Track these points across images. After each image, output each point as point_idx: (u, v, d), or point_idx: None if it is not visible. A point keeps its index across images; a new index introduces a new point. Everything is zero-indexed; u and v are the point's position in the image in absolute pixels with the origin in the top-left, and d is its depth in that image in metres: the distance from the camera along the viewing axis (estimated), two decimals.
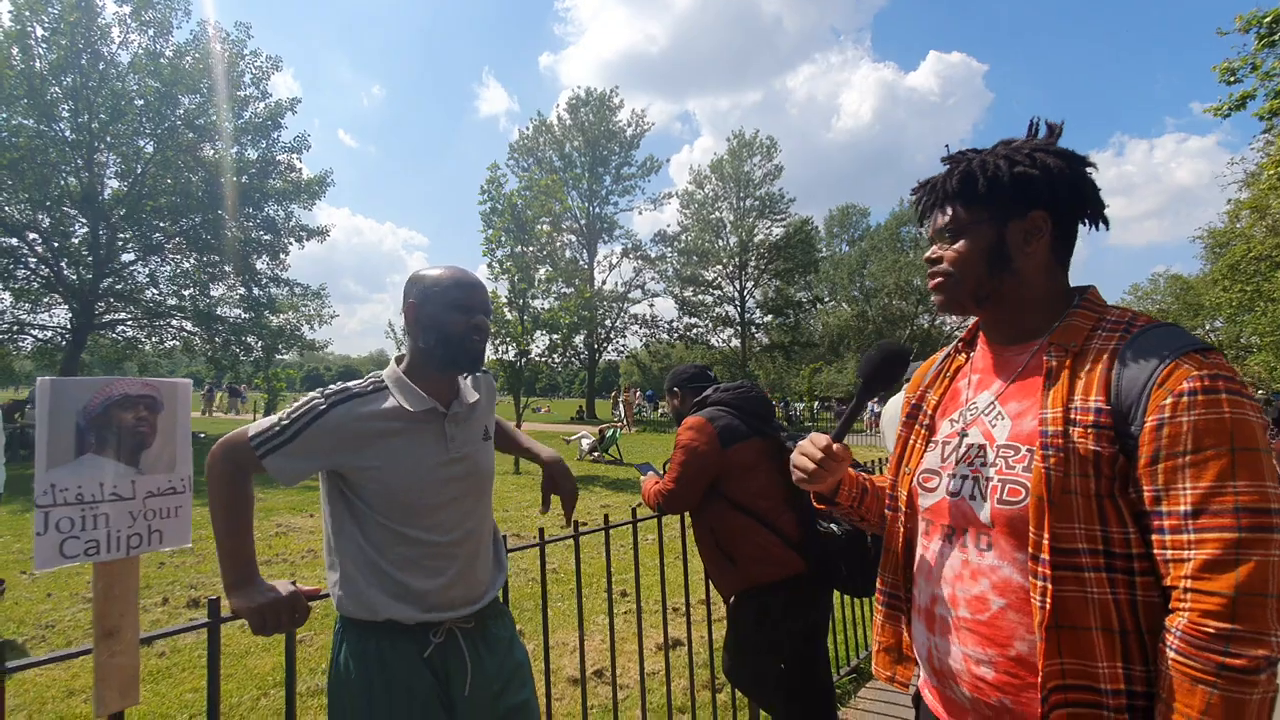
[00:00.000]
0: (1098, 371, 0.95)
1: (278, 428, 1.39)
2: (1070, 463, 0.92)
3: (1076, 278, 1.11)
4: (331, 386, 1.45)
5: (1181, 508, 0.85)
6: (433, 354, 1.49)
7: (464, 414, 1.54)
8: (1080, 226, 1.08)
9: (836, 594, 2.54)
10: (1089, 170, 1.06)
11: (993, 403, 1.08)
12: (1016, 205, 1.04)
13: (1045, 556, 0.91)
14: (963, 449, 1.08)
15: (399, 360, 1.55)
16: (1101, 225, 1.08)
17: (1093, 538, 0.91)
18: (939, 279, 1.12)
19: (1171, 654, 0.84)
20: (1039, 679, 0.91)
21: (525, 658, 1.62)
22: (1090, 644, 0.89)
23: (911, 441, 1.22)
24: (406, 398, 1.45)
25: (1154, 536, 0.88)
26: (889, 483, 1.26)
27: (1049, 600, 0.90)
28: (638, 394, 28.54)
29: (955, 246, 1.09)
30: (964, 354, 1.22)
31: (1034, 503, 0.93)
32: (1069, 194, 1.04)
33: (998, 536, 0.99)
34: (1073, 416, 0.94)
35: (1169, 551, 0.86)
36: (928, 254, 1.15)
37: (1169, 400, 0.87)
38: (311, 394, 1.44)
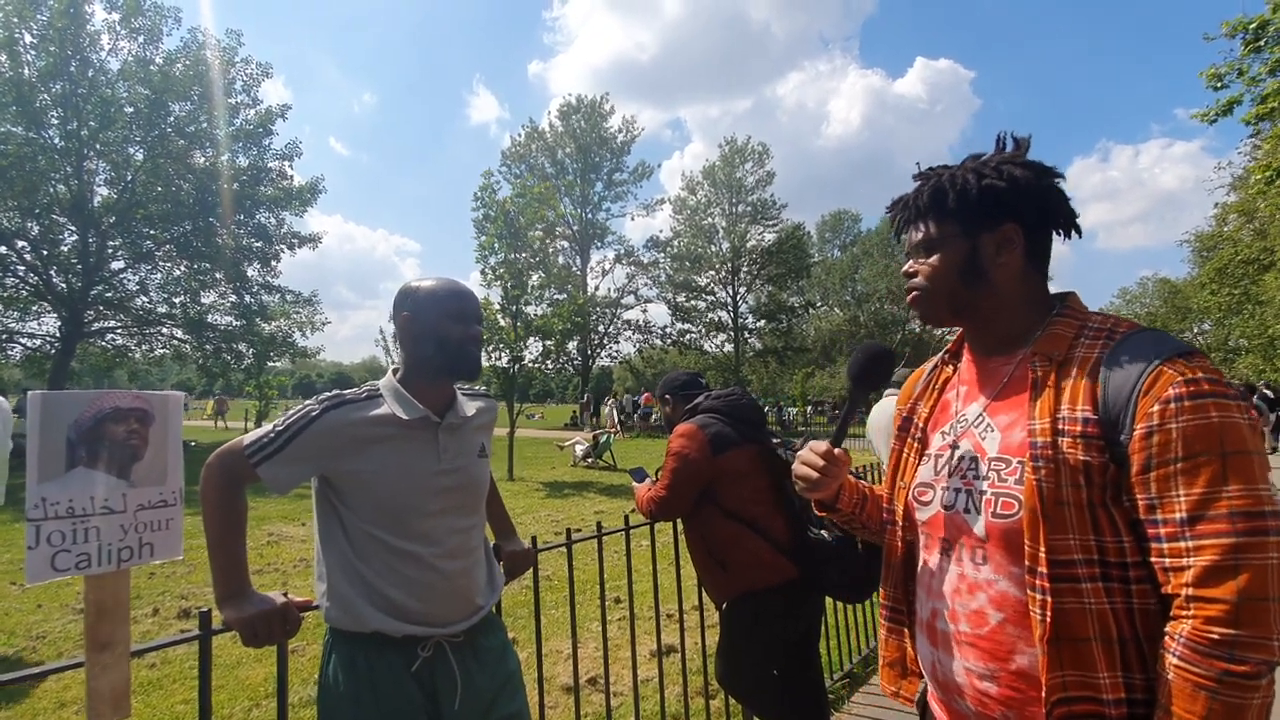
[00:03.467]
0: (1083, 380, 0.95)
1: (271, 435, 1.39)
2: (1061, 474, 0.92)
3: (1064, 283, 1.12)
4: (326, 394, 1.46)
5: (1177, 515, 0.85)
6: (430, 363, 1.50)
7: (459, 424, 1.53)
8: (1055, 236, 1.09)
9: (829, 600, 2.55)
10: (1057, 180, 1.07)
11: (981, 414, 1.08)
12: (986, 218, 1.05)
13: (1043, 570, 0.91)
14: (955, 461, 1.08)
15: (395, 371, 1.56)
16: (1074, 234, 1.09)
17: (1087, 548, 0.90)
18: (915, 293, 1.14)
19: (1174, 660, 0.84)
20: (1042, 693, 0.90)
21: (517, 666, 1.62)
22: (1090, 655, 0.89)
23: (905, 454, 1.22)
24: (400, 406, 1.45)
25: (1151, 545, 0.88)
26: (886, 495, 1.26)
27: (1049, 614, 0.90)
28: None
29: (929, 260, 1.10)
30: (950, 365, 1.23)
31: (1028, 516, 0.93)
32: (1037, 204, 1.05)
33: (993, 550, 0.99)
34: (1061, 427, 0.94)
35: (1167, 559, 0.86)
36: (904, 269, 1.16)
37: (1156, 407, 0.87)
38: (307, 401, 1.45)
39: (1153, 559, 0.88)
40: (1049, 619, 0.90)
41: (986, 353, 1.13)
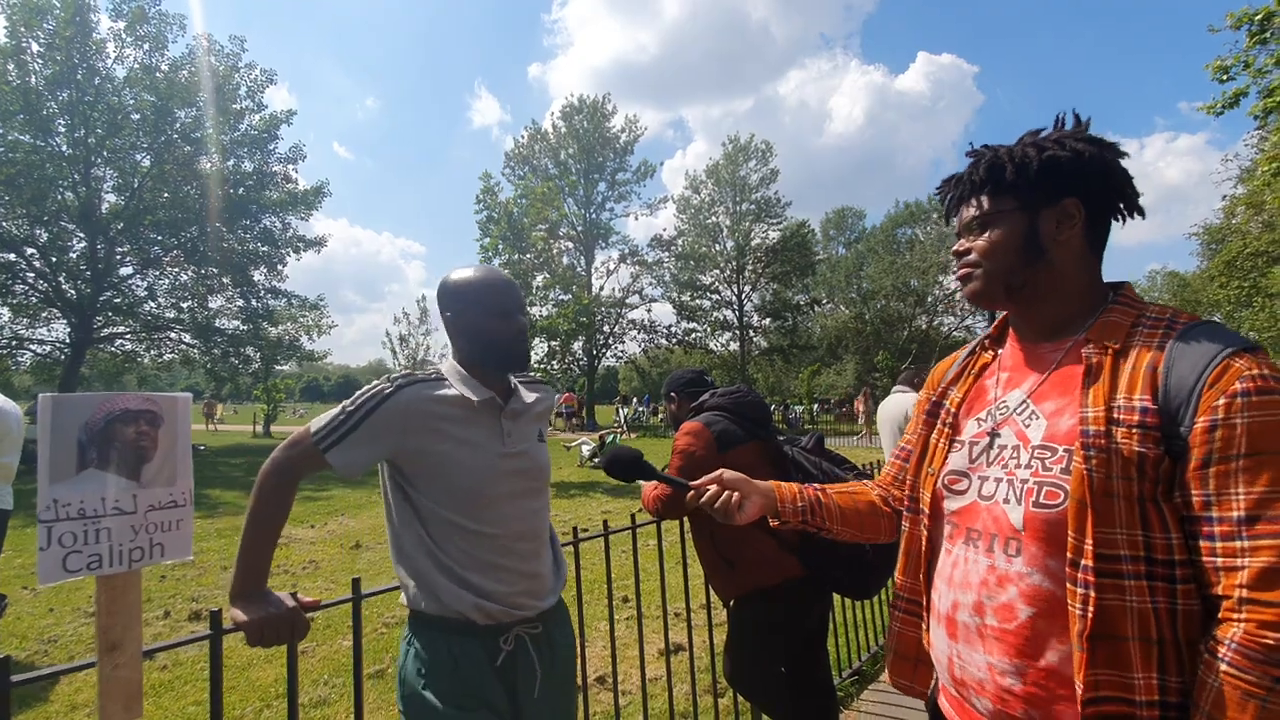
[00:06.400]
0: (1142, 369, 0.91)
1: (341, 416, 1.39)
2: (1112, 464, 0.88)
3: None
4: (395, 374, 1.47)
5: (1234, 514, 0.81)
6: (480, 358, 1.53)
7: (520, 409, 1.56)
8: (1115, 220, 1.05)
9: (837, 596, 2.55)
10: (1120, 157, 1.03)
11: (1025, 401, 1.04)
12: (1046, 192, 1.01)
13: (1088, 563, 0.87)
14: (994, 450, 1.04)
15: (452, 356, 1.59)
16: (1137, 215, 1.05)
17: (1134, 543, 0.86)
18: (967, 270, 1.09)
19: (1223, 666, 0.80)
20: (1077, 691, 0.87)
21: (574, 654, 1.66)
22: (1127, 654, 0.86)
23: (934, 441, 1.16)
24: (468, 388, 1.47)
25: (1202, 543, 0.84)
26: (909, 482, 1.21)
27: (1091, 609, 0.86)
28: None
29: (985, 237, 1.06)
30: (991, 351, 1.18)
31: (1074, 506, 0.89)
32: (1100, 179, 1.01)
33: (1028, 542, 0.95)
34: (1116, 416, 0.90)
35: (1219, 559, 0.82)
36: (955, 247, 1.12)
37: (1222, 401, 0.84)
38: (375, 382, 1.45)
39: (1203, 558, 0.84)
40: (1091, 614, 0.86)
41: (1035, 338, 1.09)
